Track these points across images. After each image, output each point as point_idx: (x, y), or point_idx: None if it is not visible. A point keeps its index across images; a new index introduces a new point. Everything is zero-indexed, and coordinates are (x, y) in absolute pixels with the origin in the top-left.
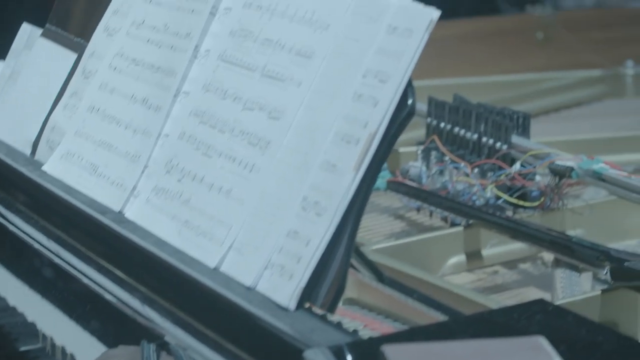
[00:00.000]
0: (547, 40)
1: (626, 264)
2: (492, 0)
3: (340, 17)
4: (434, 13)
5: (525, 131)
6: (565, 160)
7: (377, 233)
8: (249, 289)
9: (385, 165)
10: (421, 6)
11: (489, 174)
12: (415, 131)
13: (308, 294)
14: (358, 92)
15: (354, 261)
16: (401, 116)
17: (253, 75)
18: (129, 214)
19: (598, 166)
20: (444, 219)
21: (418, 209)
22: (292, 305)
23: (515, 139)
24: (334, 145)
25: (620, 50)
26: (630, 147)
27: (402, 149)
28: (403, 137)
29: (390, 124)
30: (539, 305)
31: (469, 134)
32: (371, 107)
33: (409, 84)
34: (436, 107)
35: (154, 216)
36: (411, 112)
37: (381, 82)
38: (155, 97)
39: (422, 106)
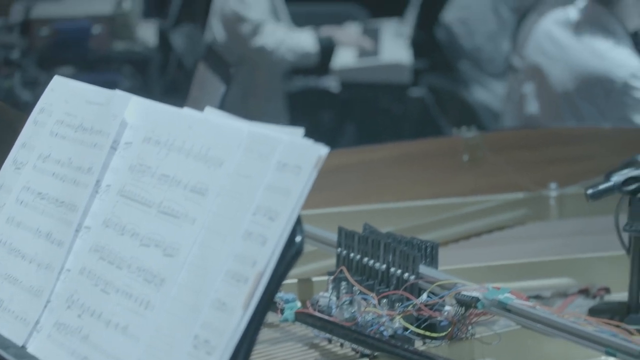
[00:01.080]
0: (473, 162)
1: None
2: (435, 122)
3: (234, 153)
4: (322, 150)
5: (433, 261)
6: (472, 290)
7: None
8: None
9: (294, 296)
10: (310, 143)
11: (397, 304)
12: (328, 260)
13: None
14: (248, 230)
15: None
16: (289, 254)
17: (150, 211)
18: (31, 348)
19: (503, 296)
20: (355, 350)
21: (329, 340)
22: None
23: (423, 269)
24: (224, 284)
25: (544, 171)
26: (550, 272)
27: (315, 279)
28: (316, 266)
29: (278, 262)
30: None
31: (377, 264)
32: (260, 246)
33: (298, 221)
34: (346, 237)
35: (54, 351)
36: (299, 250)
37: (270, 220)
38: (58, 232)
39: (333, 235)
